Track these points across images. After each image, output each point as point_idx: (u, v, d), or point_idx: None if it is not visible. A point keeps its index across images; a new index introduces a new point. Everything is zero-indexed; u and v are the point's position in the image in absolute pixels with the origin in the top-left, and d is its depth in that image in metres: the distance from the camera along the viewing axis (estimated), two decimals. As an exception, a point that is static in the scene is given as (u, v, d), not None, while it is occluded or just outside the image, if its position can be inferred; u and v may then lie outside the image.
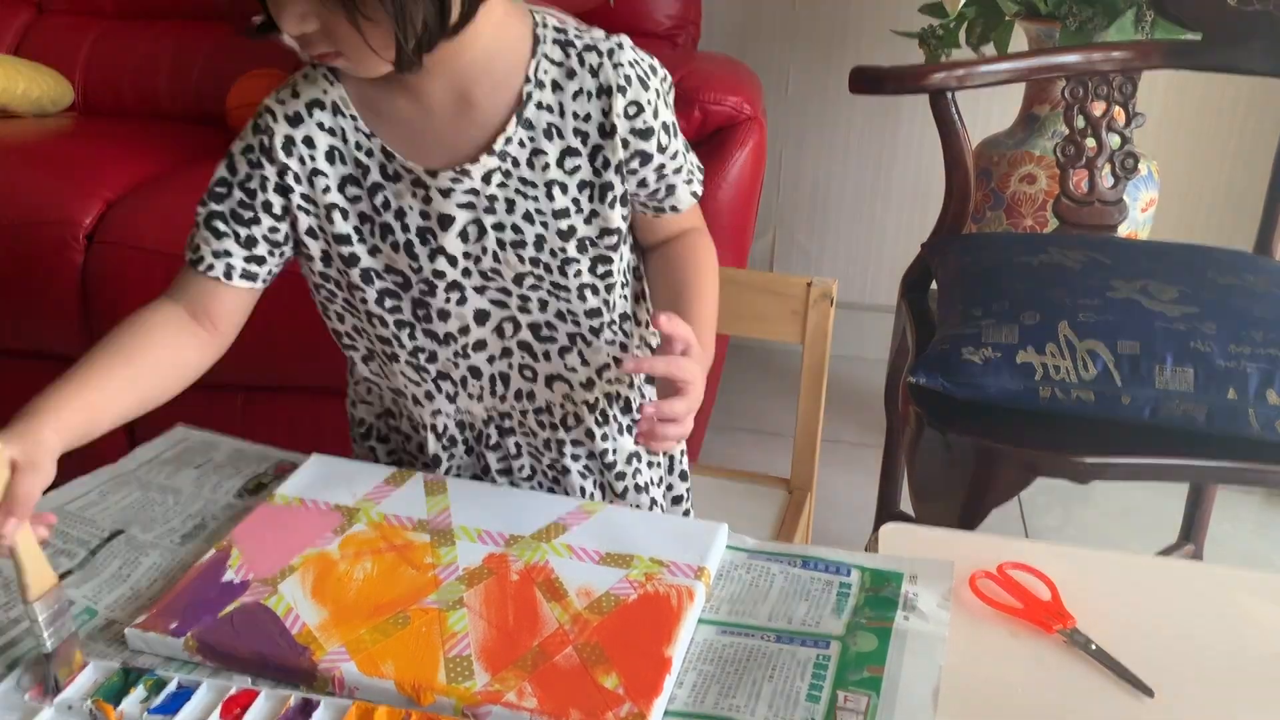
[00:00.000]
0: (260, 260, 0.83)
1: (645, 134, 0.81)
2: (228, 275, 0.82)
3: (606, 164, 0.81)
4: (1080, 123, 1.43)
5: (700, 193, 0.88)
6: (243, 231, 0.82)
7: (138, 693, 0.65)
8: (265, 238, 0.83)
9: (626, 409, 0.94)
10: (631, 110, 0.80)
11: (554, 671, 0.66)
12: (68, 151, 1.78)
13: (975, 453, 1.11)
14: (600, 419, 0.92)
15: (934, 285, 1.40)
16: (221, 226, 0.82)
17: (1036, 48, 1.78)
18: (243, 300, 0.84)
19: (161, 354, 0.80)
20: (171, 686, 0.66)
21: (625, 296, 0.89)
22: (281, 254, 0.85)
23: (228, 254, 0.82)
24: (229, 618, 0.71)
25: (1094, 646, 0.72)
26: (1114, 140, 1.44)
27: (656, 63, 0.83)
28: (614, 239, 0.84)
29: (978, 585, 0.76)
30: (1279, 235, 1.47)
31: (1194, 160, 2.20)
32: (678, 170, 0.85)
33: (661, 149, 0.82)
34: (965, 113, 1.41)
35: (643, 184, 0.84)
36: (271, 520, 0.81)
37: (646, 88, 0.80)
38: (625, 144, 0.81)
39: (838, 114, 2.31)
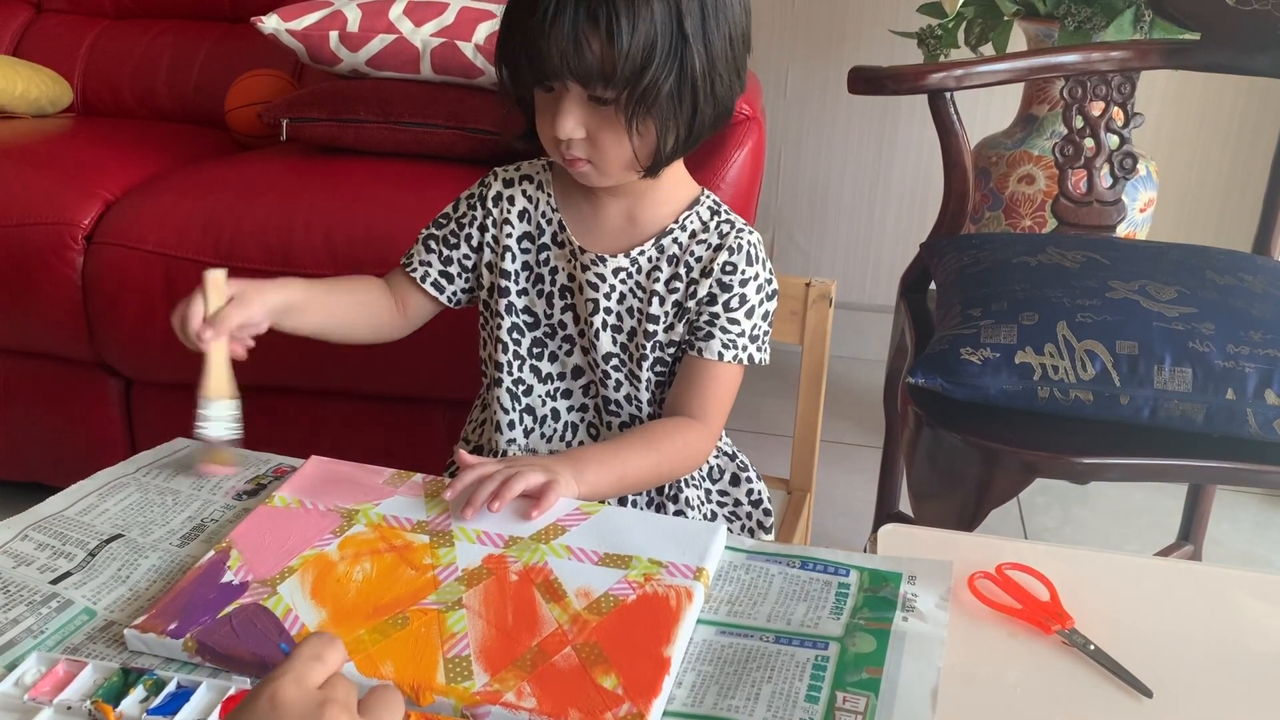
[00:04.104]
0: (449, 278, 1.05)
1: (725, 286, 0.98)
2: (423, 279, 1.04)
3: (693, 295, 0.98)
4: (1079, 123, 1.43)
5: (726, 358, 0.98)
6: (444, 252, 1.04)
7: (137, 693, 0.65)
8: (459, 261, 1.04)
9: (661, 489, 1.05)
10: (728, 268, 0.98)
11: (553, 672, 0.66)
12: (67, 152, 1.77)
13: (974, 453, 1.11)
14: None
15: (932, 286, 1.40)
16: (432, 245, 1.05)
17: (1035, 48, 1.78)
18: (426, 303, 1.06)
19: (362, 296, 1.04)
20: (171, 687, 0.66)
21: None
22: (466, 280, 1.05)
23: (427, 264, 1.05)
24: (228, 619, 0.71)
25: (1093, 647, 0.72)
26: (1112, 140, 1.44)
27: (771, 274, 1.01)
28: (674, 350, 1.01)
29: (976, 586, 0.77)
30: (1277, 235, 1.47)
31: (1192, 160, 2.20)
32: (724, 330, 0.98)
33: (726, 306, 0.98)
34: (964, 113, 1.41)
35: (697, 314, 0.98)
36: (270, 522, 0.81)
37: (751, 264, 0.98)
38: (708, 284, 0.98)
39: (836, 114, 2.32)
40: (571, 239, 1.01)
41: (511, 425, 1.05)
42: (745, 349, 0.99)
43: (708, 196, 1.03)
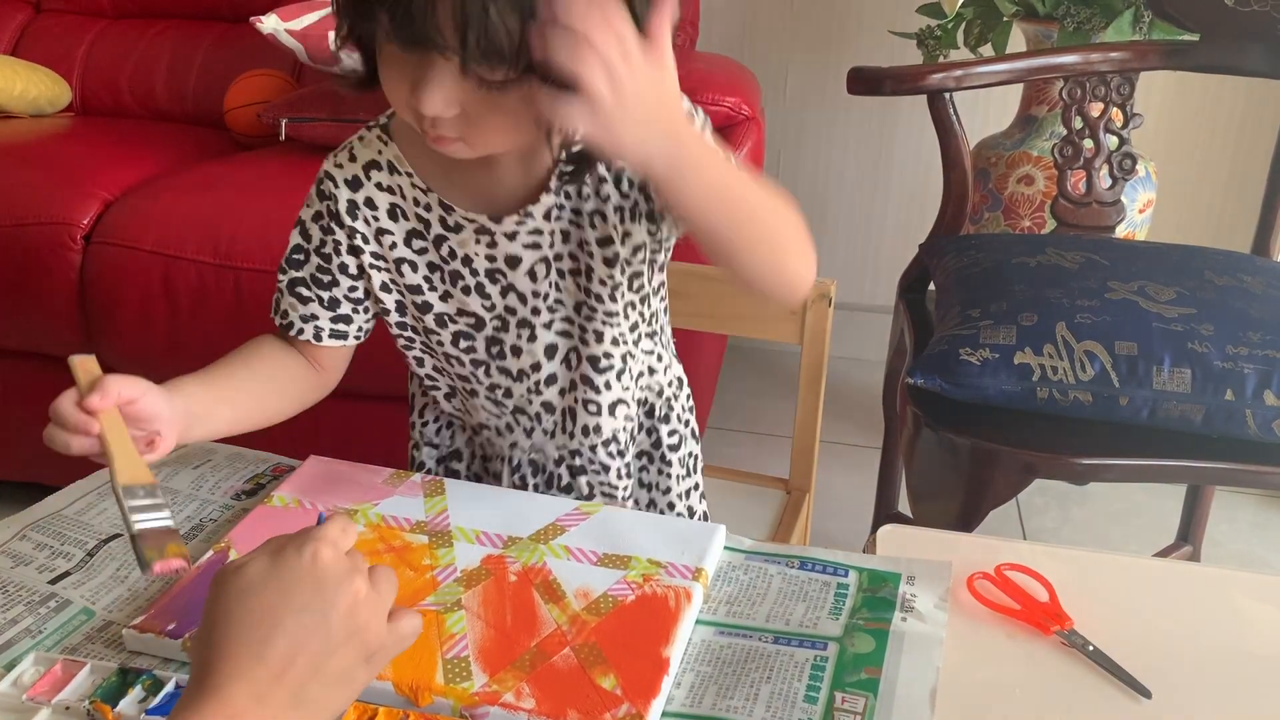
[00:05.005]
0: (346, 319, 0.87)
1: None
2: (317, 338, 0.87)
3: (631, 184, 0.81)
4: (1078, 123, 1.43)
5: None
6: (324, 295, 0.86)
7: (135, 693, 0.65)
8: (346, 297, 0.86)
9: (676, 447, 0.97)
10: None
11: (552, 672, 0.66)
12: (65, 152, 1.77)
13: (973, 454, 1.11)
14: (655, 445, 0.97)
15: (932, 286, 1.40)
16: (305, 292, 0.86)
17: (1034, 48, 1.78)
18: (338, 354, 0.89)
19: (269, 371, 0.86)
20: (169, 687, 0.66)
21: (655, 313, 0.92)
22: (366, 309, 0.88)
23: (315, 317, 0.86)
24: (227, 619, 0.71)
25: (1091, 648, 0.72)
26: (1111, 141, 1.44)
27: (693, 108, 0.79)
28: (643, 254, 0.85)
29: (975, 586, 0.77)
30: (1276, 235, 1.47)
31: (1191, 161, 2.20)
32: None
33: None
34: (963, 113, 1.41)
35: (645, 199, 0.83)
36: (269, 522, 0.81)
37: None
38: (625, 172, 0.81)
39: (835, 115, 2.31)
40: (469, 216, 0.81)
41: (510, 427, 0.93)
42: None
43: None
